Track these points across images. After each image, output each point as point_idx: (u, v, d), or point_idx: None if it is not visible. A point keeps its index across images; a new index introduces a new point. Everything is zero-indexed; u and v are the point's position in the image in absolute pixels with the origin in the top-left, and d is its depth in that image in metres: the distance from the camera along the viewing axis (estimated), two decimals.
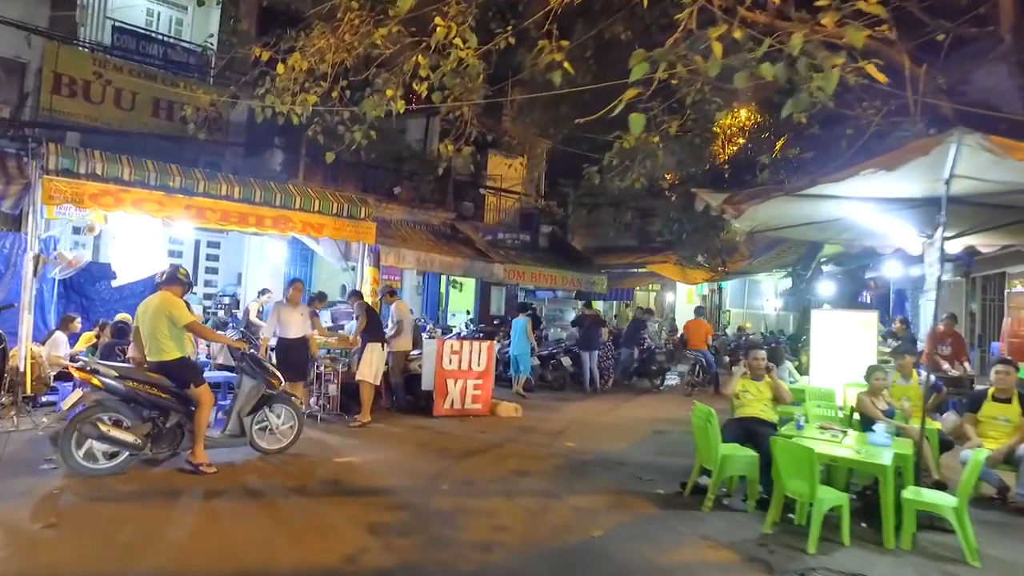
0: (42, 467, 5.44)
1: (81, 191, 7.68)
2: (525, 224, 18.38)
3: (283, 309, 7.89)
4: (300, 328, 7.89)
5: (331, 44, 7.22)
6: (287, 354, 7.73)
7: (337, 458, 6.42)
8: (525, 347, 11.36)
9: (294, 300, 7.92)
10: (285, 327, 7.84)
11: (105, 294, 10.25)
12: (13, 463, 5.60)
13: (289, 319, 7.84)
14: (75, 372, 5.33)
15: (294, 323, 7.85)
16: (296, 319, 7.86)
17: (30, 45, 11.84)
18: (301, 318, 7.92)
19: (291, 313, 7.86)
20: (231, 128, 13.62)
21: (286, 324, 7.84)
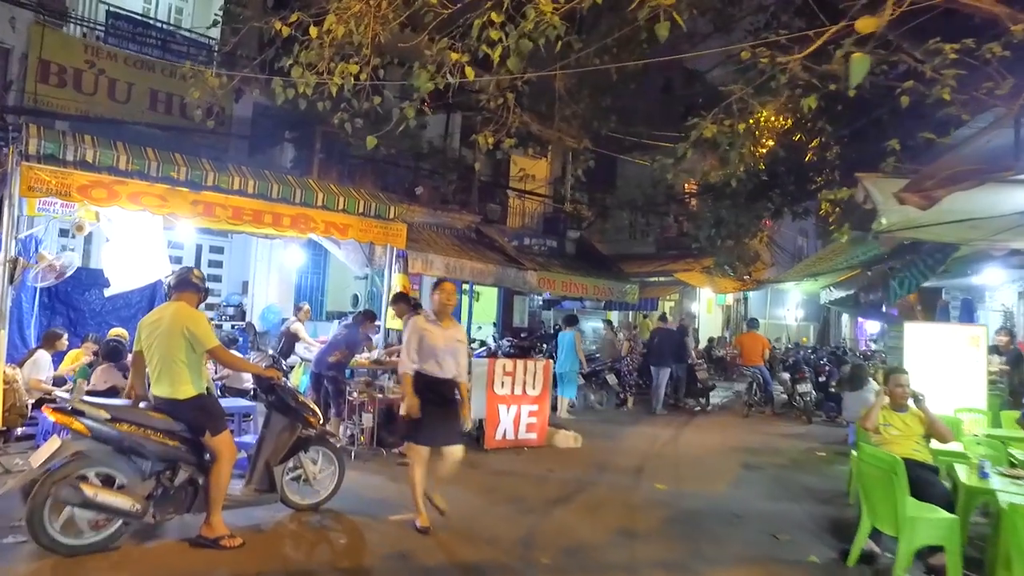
0: (6, 540, 4.05)
1: (68, 182, 6.36)
2: (550, 229, 17.15)
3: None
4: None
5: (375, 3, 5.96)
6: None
7: (391, 515, 5.04)
8: (573, 364, 10.08)
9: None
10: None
11: (96, 305, 8.90)
12: None
13: None
14: (51, 415, 3.93)
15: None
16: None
17: (14, 29, 10.66)
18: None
19: None
20: (235, 123, 12.35)
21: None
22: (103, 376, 6.38)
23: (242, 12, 8.89)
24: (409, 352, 4.77)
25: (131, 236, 7.93)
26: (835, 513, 5.74)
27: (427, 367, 4.75)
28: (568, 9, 5.47)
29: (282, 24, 5.89)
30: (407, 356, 4.76)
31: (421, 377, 4.74)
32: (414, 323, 4.91)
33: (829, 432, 10.22)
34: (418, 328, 4.81)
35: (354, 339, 7.63)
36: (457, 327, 5.00)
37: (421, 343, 4.77)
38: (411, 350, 4.77)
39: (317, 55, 5.84)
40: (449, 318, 4.95)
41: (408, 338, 4.85)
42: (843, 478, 6.60)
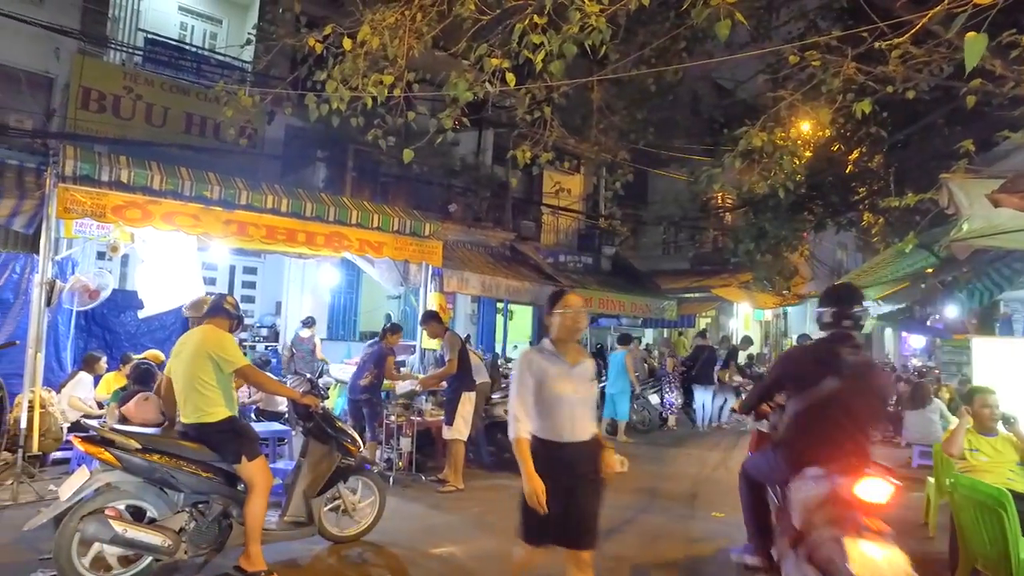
0: (34, 575, 3.85)
1: (103, 203, 6.26)
2: (585, 245, 16.85)
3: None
4: None
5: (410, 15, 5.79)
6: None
7: (434, 548, 4.74)
8: (625, 385, 9.71)
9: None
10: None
11: (131, 327, 8.83)
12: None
13: None
14: (80, 444, 3.74)
15: None
16: None
17: (58, 59, 10.87)
18: None
19: None
20: (267, 144, 12.35)
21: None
22: (138, 411, 6.17)
23: (275, 31, 8.84)
24: (522, 404, 3.12)
25: (165, 257, 7.85)
26: (913, 547, 5.20)
27: (551, 428, 3.10)
28: (613, 11, 5.24)
29: (315, 40, 5.77)
30: (518, 410, 3.11)
31: (542, 445, 3.09)
32: (526, 361, 3.21)
33: (889, 454, 9.63)
34: (533, 368, 3.15)
35: (380, 357, 7.40)
36: (588, 360, 3.30)
37: (540, 391, 3.11)
38: (524, 401, 3.12)
39: (351, 68, 5.70)
40: (577, 348, 3.30)
41: (517, 384, 3.17)
42: (916, 506, 6.10)
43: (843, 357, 3.32)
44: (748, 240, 14.11)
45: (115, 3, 12.09)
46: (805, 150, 8.59)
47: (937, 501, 5.57)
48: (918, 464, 8.32)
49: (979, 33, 2.85)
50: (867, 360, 3.56)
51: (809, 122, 8.04)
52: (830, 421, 3.33)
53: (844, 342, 3.39)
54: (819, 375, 3.35)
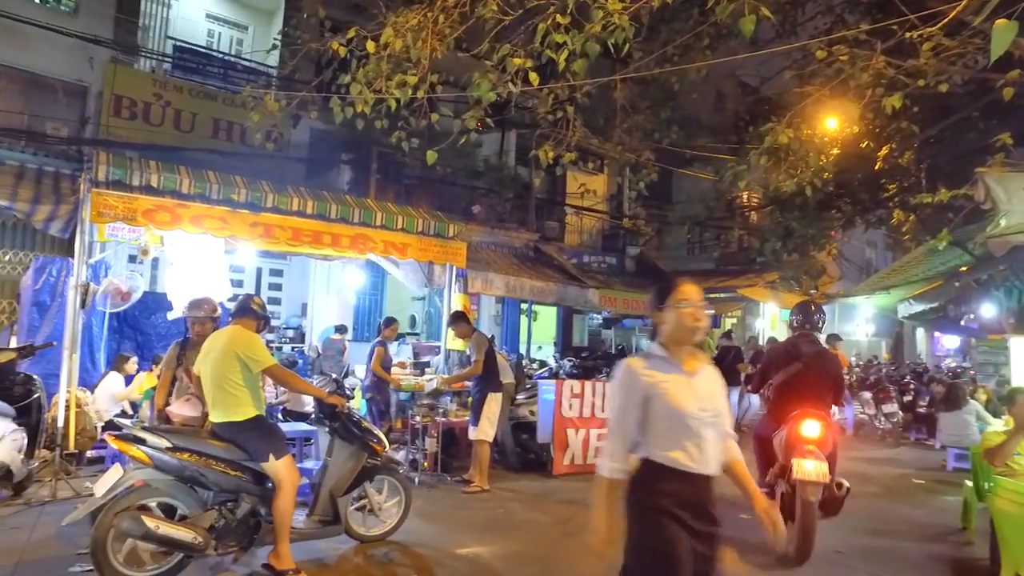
0: (72, 569, 3.93)
1: (134, 206, 6.40)
2: (609, 245, 16.78)
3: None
4: None
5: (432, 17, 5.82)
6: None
7: (460, 548, 4.73)
8: None
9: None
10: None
11: (161, 328, 8.98)
12: (35, 561, 4.13)
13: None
14: (113, 442, 3.81)
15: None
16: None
17: (92, 68, 11.15)
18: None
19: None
20: (292, 147, 12.49)
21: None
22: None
23: (299, 36, 8.94)
24: (622, 433, 2.37)
25: (193, 260, 7.97)
26: (951, 552, 5.14)
27: (674, 455, 2.33)
28: (635, 9, 5.20)
29: (339, 44, 5.82)
30: (616, 441, 2.39)
31: (660, 476, 2.35)
32: (629, 374, 2.38)
33: (922, 456, 9.44)
34: (640, 381, 2.36)
35: (371, 352, 7.43)
36: (711, 367, 2.53)
37: (650, 408, 2.35)
38: (625, 429, 2.37)
39: (375, 71, 5.73)
40: (696, 353, 2.49)
41: (620, 406, 2.39)
42: (953, 511, 5.94)
43: (803, 349, 5.03)
44: (774, 239, 13.90)
45: (145, 12, 12.34)
46: (833, 147, 8.45)
47: (976, 505, 5.42)
48: (953, 467, 8.13)
49: (1010, 20, 2.77)
50: (821, 350, 5.19)
51: (837, 118, 7.91)
52: (795, 391, 4.92)
53: (805, 339, 5.16)
54: (788, 361, 5.06)
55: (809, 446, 4.58)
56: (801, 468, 4.50)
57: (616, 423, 2.42)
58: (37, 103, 10.94)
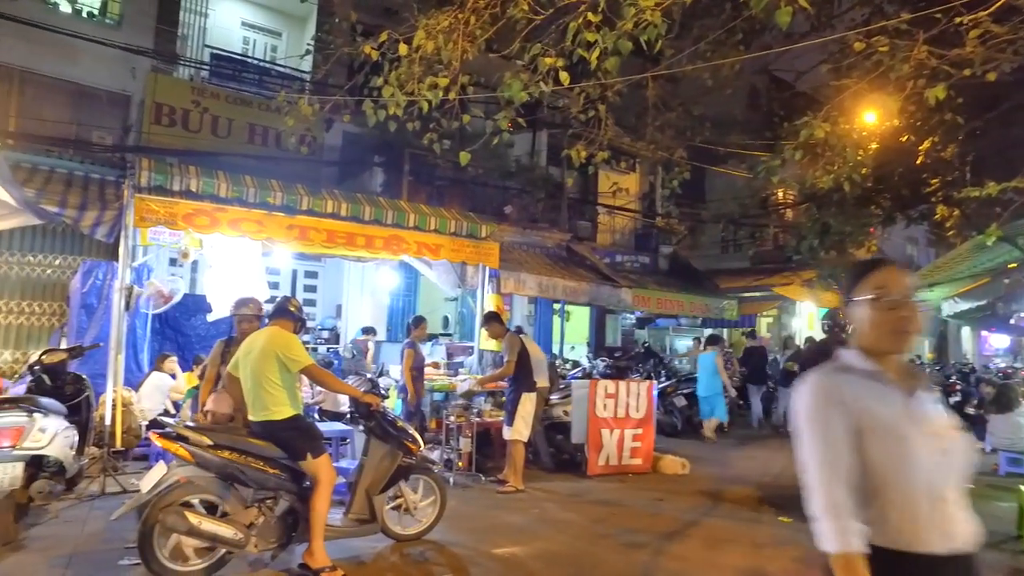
0: (122, 561, 4.05)
1: (175, 211, 6.57)
2: (641, 245, 16.64)
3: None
4: None
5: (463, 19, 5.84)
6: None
7: (495, 548, 4.73)
8: (717, 386, 9.74)
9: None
10: None
11: (201, 330, 9.17)
12: (88, 553, 4.28)
13: None
14: (157, 440, 3.91)
15: None
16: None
17: (134, 77, 11.47)
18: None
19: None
20: (325, 151, 12.68)
21: None
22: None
23: (332, 41, 9.07)
24: (836, 478, 1.57)
25: (232, 262, 8.14)
26: (1007, 561, 4.96)
27: (897, 524, 1.57)
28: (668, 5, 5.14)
29: (371, 47, 5.87)
30: (831, 489, 1.56)
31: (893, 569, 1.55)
32: (824, 392, 1.70)
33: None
34: (844, 405, 1.63)
35: (401, 353, 7.49)
36: (931, 386, 1.75)
37: (868, 448, 1.59)
38: (837, 472, 1.57)
39: (407, 73, 5.76)
40: (907, 367, 1.78)
41: (820, 439, 1.61)
42: (1008, 517, 5.73)
43: (834, 348, 5.38)
44: (811, 236, 13.62)
45: (184, 22, 12.67)
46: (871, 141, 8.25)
47: None
48: (1006, 472, 7.84)
49: None
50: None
51: (876, 111, 7.71)
52: None
53: (836, 340, 5.85)
54: (821, 360, 5.40)
55: None
56: None
57: (824, 466, 1.58)
58: (84, 113, 11.30)
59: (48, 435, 4.57)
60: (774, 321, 20.55)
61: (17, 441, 4.37)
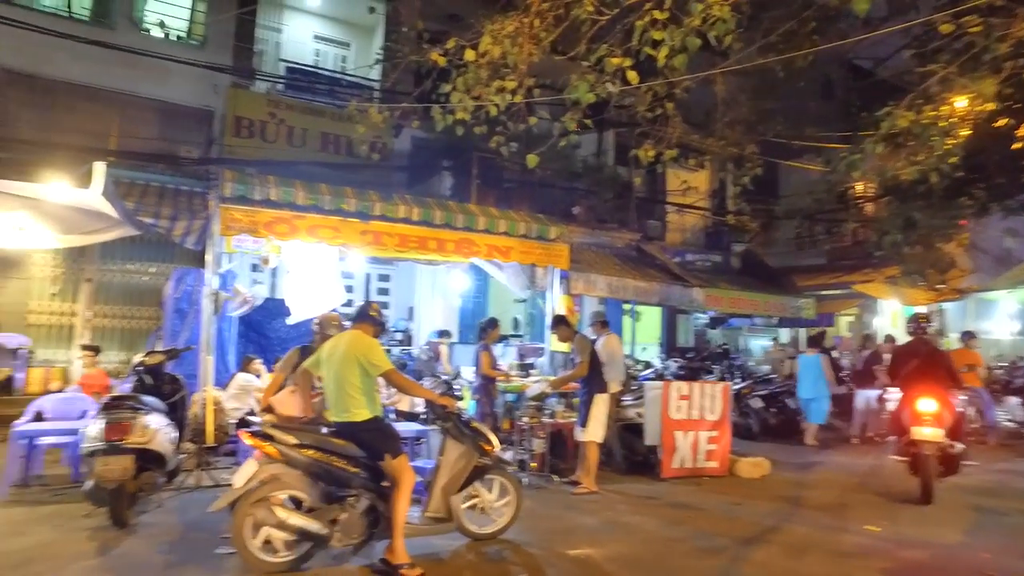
0: (218, 550, 4.30)
1: (256, 219, 6.89)
2: (713, 243, 16.29)
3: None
4: None
5: (528, 22, 5.88)
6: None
7: (570, 549, 4.75)
8: (823, 389, 9.41)
9: None
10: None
11: (281, 332, 9.57)
12: (187, 540, 4.60)
13: None
14: (246, 438, 4.13)
15: None
16: None
17: (216, 93, 12.09)
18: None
19: None
20: (395, 157, 12.99)
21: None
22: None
23: (400, 49, 9.30)
24: None
25: (309, 267, 8.47)
26: None
27: None
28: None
29: (438, 54, 5.98)
30: None
31: None
32: None
33: None
34: None
35: (476, 355, 7.53)
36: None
37: None
38: None
39: (474, 78, 5.85)
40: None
41: None
42: None
43: (920, 348, 6.74)
44: (894, 231, 12.98)
45: (260, 38, 13.27)
46: (962, 128, 7.80)
47: None
48: None
49: None
50: (933, 349, 6.90)
51: (967, 97, 7.29)
52: (915, 381, 6.53)
53: (920, 341, 6.85)
54: (909, 359, 6.74)
55: (925, 417, 6.24)
56: (919, 433, 6.23)
57: None
58: (172, 129, 12.01)
59: (151, 431, 4.89)
60: (855, 320, 19.66)
61: (126, 436, 4.70)
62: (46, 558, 4.20)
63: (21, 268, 10.33)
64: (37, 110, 11.14)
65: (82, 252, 10.12)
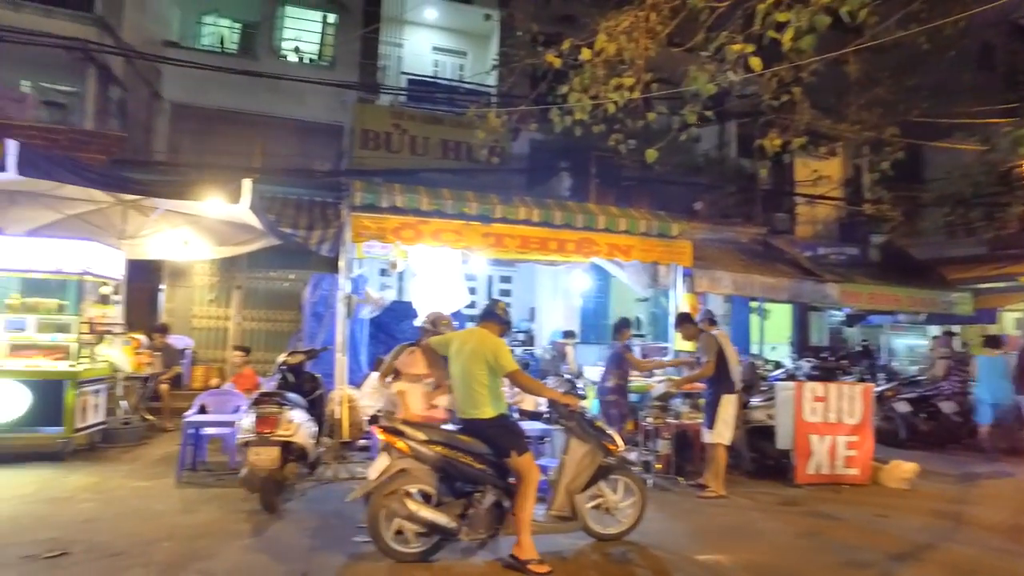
0: (355, 539, 4.57)
1: (384, 226, 7.27)
2: (848, 235, 15.20)
3: None
4: None
5: (643, 16, 5.77)
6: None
7: (698, 554, 4.61)
8: (1006, 390, 8.65)
9: None
10: None
11: (409, 333, 9.97)
12: (328, 528, 4.90)
13: None
14: (379, 433, 4.36)
15: None
16: None
17: (345, 109, 12.88)
18: None
19: None
20: (513, 160, 13.21)
21: None
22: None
23: (515, 53, 9.44)
24: None
25: (434, 270, 8.80)
26: None
27: None
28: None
29: (553, 56, 6.00)
30: None
31: None
32: None
33: None
34: None
35: (618, 356, 7.46)
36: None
37: None
38: None
39: (591, 77, 5.82)
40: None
41: None
42: None
43: None
44: None
45: (383, 54, 13.99)
46: None
47: None
48: None
49: None
50: None
51: None
52: None
53: None
54: None
55: None
56: None
57: None
58: (307, 145, 12.98)
59: (295, 425, 5.29)
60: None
61: (273, 429, 5.12)
62: (212, 534, 4.67)
63: (186, 277, 11.54)
64: (197, 136, 12.44)
65: (233, 262, 11.12)
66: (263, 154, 12.20)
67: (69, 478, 6.03)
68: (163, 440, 7.97)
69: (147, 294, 10.89)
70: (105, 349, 7.48)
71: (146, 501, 5.42)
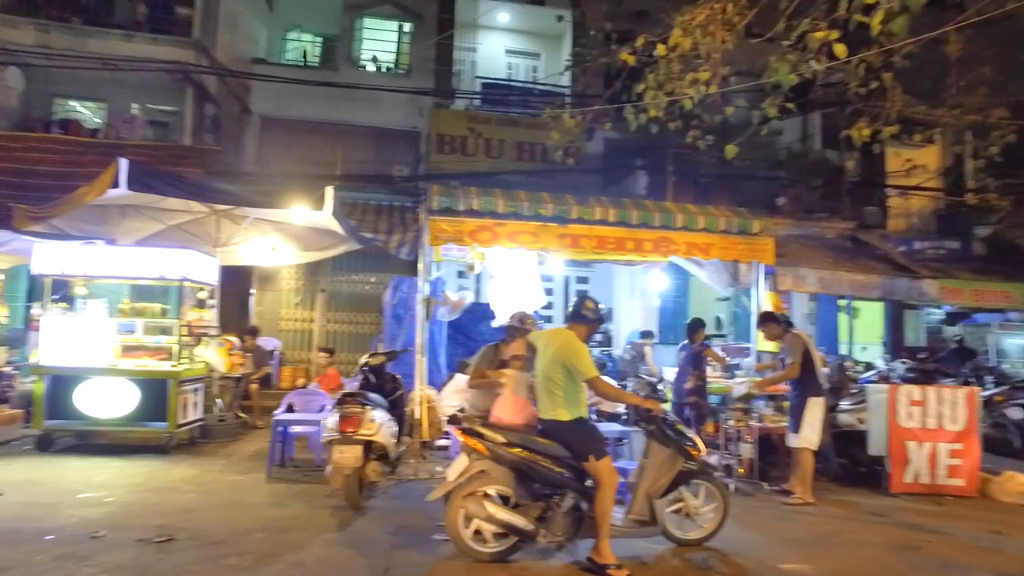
0: (435, 536, 4.68)
1: (461, 229, 7.37)
2: (947, 228, 14.27)
3: None
4: None
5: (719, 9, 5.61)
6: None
7: (782, 563, 4.44)
8: None
9: None
10: None
11: (487, 335, 10.12)
12: (409, 526, 5.03)
13: None
14: (459, 435, 4.44)
15: None
16: None
17: (422, 115, 13.18)
18: None
19: None
20: (588, 160, 13.13)
21: None
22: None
23: (588, 53, 9.37)
24: None
25: (511, 272, 8.87)
26: None
27: None
28: None
29: (627, 53, 5.92)
30: None
31: None
32: None
33: None
34: None
35: (696, 357, 7.22)
36: None
37: None
38: None
39: (666, 73, 5.71)
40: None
41: None
42: None
43: None
44: None
45: (457, 59, 14.23)
46: None
47: None
48: None
49: None
50: None
51: None
52: None
53: None
54: None
55: None
56: None
57: None
58: (385, 151, 13.35)
59: (377, 424, 5.45)
60: None
61: (356, 428, 5.30)
62: (300, 528, 4.89)
63: (273, 282, 12.14)
64: (283, 147, 13.04)
65: (317, 266, 11.60)
66: (344, 161, 12.65)
67: (173, 470, 6.47)
68: (254, 437, 8.40)
69: (239, 298, 11.51)
70: (202, 350, 7.94)
71: (240, 494, 5.75)
